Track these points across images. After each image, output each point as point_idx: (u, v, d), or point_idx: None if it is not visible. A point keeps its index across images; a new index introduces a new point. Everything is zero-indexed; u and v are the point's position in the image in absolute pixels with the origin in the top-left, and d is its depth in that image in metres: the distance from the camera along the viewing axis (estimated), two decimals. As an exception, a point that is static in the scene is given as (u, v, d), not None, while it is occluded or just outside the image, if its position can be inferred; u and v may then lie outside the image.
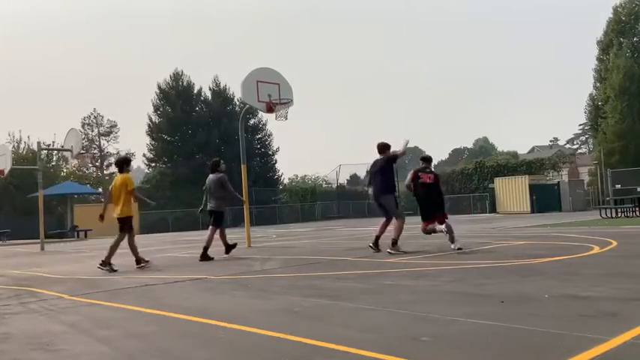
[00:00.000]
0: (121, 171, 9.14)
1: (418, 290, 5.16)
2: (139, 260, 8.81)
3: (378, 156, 9.51)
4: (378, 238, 9.32)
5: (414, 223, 11.35)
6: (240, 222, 29.07)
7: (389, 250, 8.81)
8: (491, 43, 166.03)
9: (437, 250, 9.09)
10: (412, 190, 9.93)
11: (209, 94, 45.05)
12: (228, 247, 10.50)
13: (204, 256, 9.67)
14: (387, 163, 9.40)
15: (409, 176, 9.95)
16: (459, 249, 8.83)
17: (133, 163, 53.79)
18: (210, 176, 10.49)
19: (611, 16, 39.95)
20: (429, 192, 9.66)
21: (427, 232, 9.62)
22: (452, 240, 9.06)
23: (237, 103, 42.54)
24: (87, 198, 40.65)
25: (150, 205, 9.27)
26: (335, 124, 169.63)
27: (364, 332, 3.53)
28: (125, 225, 8.85)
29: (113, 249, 8.63)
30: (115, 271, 8.32)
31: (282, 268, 7.93)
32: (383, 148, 9.46)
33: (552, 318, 3.62)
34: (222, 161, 10.76)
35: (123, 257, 9.00)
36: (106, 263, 8.47)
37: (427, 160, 10.34)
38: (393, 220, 9.18)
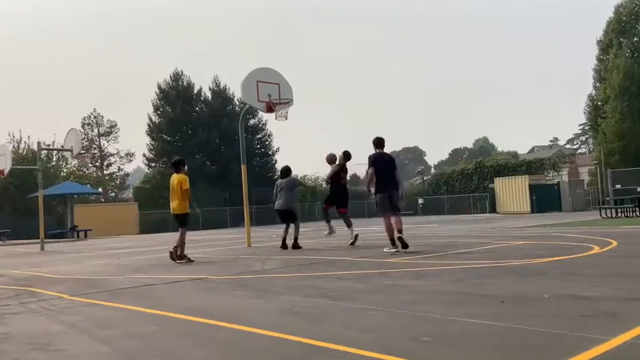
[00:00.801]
0: (177, 171, 9.94)
1: (418, 290, 5.15)
2: (181, 256, 9.40)
3: (374, 151, 9.54)
4: (400, 236, 8.99)
5: (411, 223, 11.29)
6: (240, 222, 29.08)
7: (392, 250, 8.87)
8: (491, 43, 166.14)
9: (437, 250, 9.09)
10: (328, 184, 12.03)
11: (209, 94, 45.06)
12: (290, 244, 11.19)
13: (296, 246, 11.07)
14: (394, 161, 9.55)
15: (332, 172, 11.71)
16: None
17: (133, 162, 53.45)
18: (282, 180, 11.60)
19: (612, 15, 39.95)
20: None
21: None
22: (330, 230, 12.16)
23: (237, 103, 42.51)
24: (87, 198, 40.68)
25: (192, 205, 10.22)
26: (335, 124, 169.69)
27: (364, 332, 3.53)
28: (183, 220, 9.74)
29: (182, 243, 9.49)
30: (192, 261, 9.30)
31: (282, 268, 7.93)
32: (382, 142, 9.57)
33: (552, 318, 3.62)
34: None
35: (128, 256, 8.99)
36: (182, 257, 9.36)
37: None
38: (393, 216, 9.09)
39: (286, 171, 11.77)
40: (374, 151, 9.55)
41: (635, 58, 37.47)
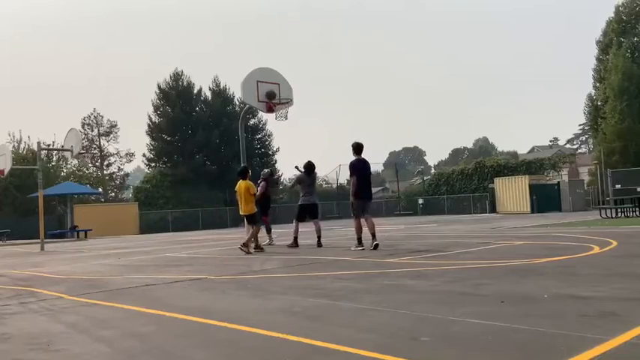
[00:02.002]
0: (243, 178, 11.06)
1: (418, 290, 5.15)
2: (256, 246, 10.77)
3: (355, 157, 9.91)
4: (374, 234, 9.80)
5: (411, 223, 11.27)
6: (240, 222, 29.07)
7: (372, 248, 9.45)
8: (491, 42, 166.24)
9: (437, 250, 9.09)
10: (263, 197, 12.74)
11: (209, 94, 45.05)
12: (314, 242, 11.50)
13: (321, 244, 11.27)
14: (369, 167, 10.08)
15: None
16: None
17: (133, 162, 53.65)
18: (308, 176, 11.68)
19: (613, 15, 39.93)
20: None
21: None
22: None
23: (237, 103, 42.51)
24: (87, 198, 40.67)
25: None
26: (335, 124, 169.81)
27: (364, 332, 3.53)
28: (252, 218, 10.92)
29: (253, 236, 10.78)
30: (250, 253, 10.35)
31: (282, 268, 7.92)
32: (362, 148, 9.99)
33: (552, 318, 3.62)
34: None
35: (128, 256, 8.99)
36: (247, 245, 10.51)
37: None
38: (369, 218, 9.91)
39: (312, 167, 11.80)
40: (354, 157, 9.95)
41: (634, 58, 37.44)
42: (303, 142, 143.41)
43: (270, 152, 45.84)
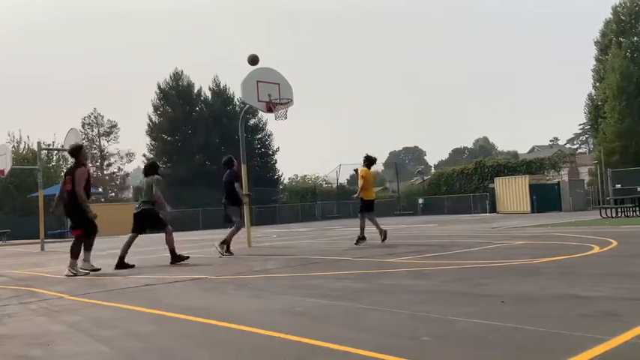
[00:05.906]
0: None
1: (418, 290, 5.15)
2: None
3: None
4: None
5: (412, 223, 11.27)
6: (240, 222, 29.09)
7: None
8: (491, 42, 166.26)
9: (437, 250, 9.09)
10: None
11: (209, 94, 45.09)
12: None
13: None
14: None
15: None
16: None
17: (133, 162, 53.13)
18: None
19: (611, 16, 39.95)
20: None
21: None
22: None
23: (237, 103, 42.55)
24: (87, 198, 40.66)
25: None
26: (335, 124, 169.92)
27: (364, 332, 3.53)
28: None
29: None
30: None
31: (282, 268, 7.92)
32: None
33: (552, 318, 3.62)
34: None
35: (128, 257, 8.97)
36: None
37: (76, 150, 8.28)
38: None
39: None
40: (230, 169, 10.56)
41: (633, 58, 37.44)
42: (303, 142, 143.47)
43: (270, 152, 45.89)
